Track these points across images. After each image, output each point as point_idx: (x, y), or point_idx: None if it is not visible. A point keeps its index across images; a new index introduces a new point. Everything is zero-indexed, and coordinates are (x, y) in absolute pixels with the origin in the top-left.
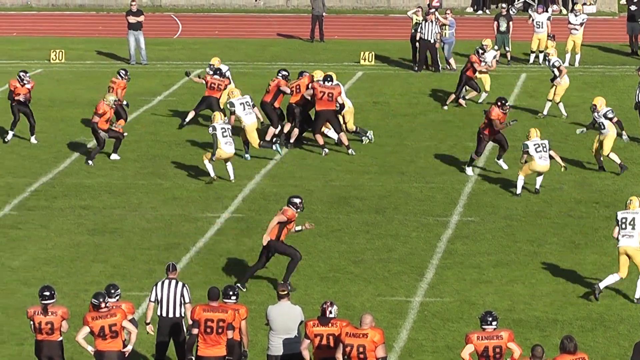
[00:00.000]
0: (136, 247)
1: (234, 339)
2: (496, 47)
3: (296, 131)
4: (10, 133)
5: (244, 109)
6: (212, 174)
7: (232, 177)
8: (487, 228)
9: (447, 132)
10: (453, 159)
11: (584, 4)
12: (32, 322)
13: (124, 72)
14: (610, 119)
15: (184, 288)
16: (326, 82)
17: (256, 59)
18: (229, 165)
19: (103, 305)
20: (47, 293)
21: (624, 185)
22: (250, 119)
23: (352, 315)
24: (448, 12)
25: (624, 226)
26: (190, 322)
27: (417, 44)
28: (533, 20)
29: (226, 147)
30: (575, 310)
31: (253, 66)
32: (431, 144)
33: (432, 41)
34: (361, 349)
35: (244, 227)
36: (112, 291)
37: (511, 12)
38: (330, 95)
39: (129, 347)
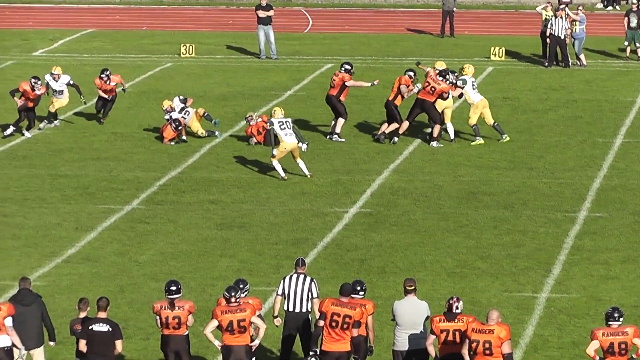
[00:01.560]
0: (264, 242)
1: (361, 335)
2: (626, 43)
3: (406, 124)
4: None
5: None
6: (282, 174)
7: (307, 173)
8: (615, 224)
9: (577, 127)
10: (582, 154)
11: None
12: (158, 317)
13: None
14: None
15: (312, 283)
16: (438, 76)
17: (386, 54)
18: (301, 163)
19: (234, 300)
20: (174, 288)
21: None
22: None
23: (478, 311)
24: (580, 8)
25: None
26: (317, 315)
27: (547, 39)
28: None
29: (287, 138)
30: None
31: (383, 61)
32: (560, 139)
33: (562, 37)
34: (487, 345)
35: (372, 222)
36: (241, 286)
37: None
38: (432, 88)
39: (257, 342)
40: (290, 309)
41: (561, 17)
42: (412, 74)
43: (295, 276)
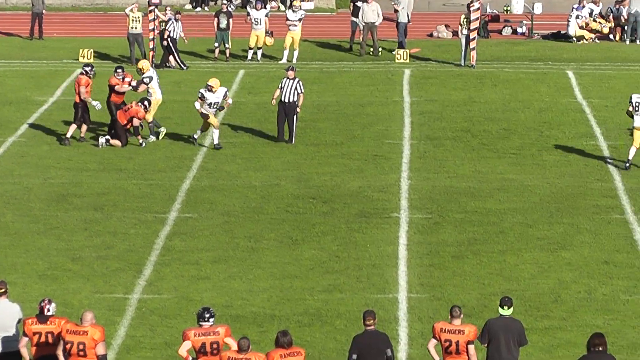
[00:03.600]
0: None
1: None
2: (216, 44)
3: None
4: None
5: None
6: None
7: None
8: (205, 225)
9: (168, 128)
10: (172, 155)
11: (302, 0)
12: None
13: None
14: None
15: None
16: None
17: None
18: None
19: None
20: None
21: (341, 181)
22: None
23: (70, 313)
24: (168, 8)
25: (637, 109)
26: None
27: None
28: (251, 17)
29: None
30: (293, 305)
31: None
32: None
33: (176, 39)
34: (81, 346)
35: None
36: None
37: (230, 9)
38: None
39: None
40: None
41: (178, 20)
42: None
43: None
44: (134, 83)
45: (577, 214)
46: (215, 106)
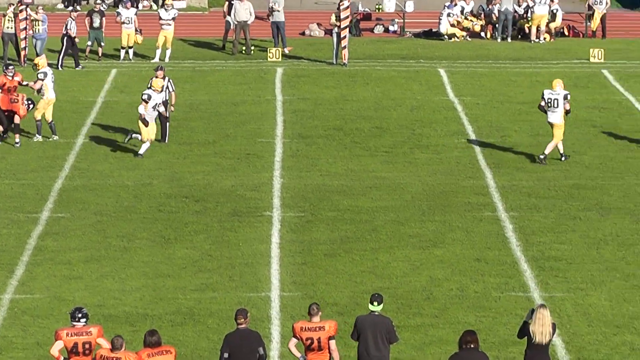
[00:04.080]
0: None
1: None
2: (89, 44)
3: None
4: None
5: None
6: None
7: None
8: (77, 224)
9: (44, 129)
10: (44, 155)
11: None
12: None
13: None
14: None
15: None
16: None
17: None
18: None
19: None
20: None
21: (213, 180)
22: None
23: None
24: (40, 7)
25: (549, 104)
26: None
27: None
28: (122, 16)
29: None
30: (165, 304)
31: None
32: (22, 140)
33: (75, 36)
34: None
35: None
36: None
37: (102, 8)
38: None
39: None
40: None
41: (74, 19)
42: None
43: None
44: (24, 82)
45: (449, 212)
46: (157, 108)
